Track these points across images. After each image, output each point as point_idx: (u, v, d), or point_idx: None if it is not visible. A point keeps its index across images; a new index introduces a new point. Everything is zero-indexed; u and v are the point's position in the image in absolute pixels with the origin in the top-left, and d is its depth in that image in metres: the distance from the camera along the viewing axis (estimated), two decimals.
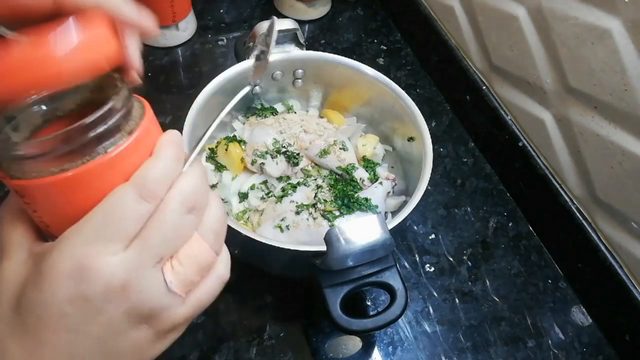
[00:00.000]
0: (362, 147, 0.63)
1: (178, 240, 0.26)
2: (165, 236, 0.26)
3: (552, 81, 0.61)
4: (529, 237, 0.67)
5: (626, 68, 0.50)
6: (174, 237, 0.26)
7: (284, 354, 0.53)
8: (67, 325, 0.24)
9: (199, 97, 0.55)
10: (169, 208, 0.26)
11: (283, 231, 0.53)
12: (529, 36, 0.62)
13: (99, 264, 0.24)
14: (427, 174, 0.53)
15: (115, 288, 0.24)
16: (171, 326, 0.28)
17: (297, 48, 0.62)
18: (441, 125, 0.78)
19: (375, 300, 0.59)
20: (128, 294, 0.25)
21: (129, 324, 0.26)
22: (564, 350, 0.57)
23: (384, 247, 0.43)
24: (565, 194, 0.62)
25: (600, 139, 0.55)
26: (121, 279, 0.24)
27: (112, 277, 0.24)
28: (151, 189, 0.25)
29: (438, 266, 0.62)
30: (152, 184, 0.25)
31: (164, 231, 0.25)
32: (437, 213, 0.67)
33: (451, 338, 0.57)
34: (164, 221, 0.25)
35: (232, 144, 0.60)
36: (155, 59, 0.78)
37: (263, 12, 0.89)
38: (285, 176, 0.59)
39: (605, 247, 0.58)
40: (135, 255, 0.25)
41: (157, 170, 0.26)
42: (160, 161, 0.26)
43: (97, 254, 0.24)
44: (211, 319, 0.55)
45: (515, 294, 0.61)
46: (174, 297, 0.27)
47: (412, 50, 0.87)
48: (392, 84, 0.60)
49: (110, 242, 0.24)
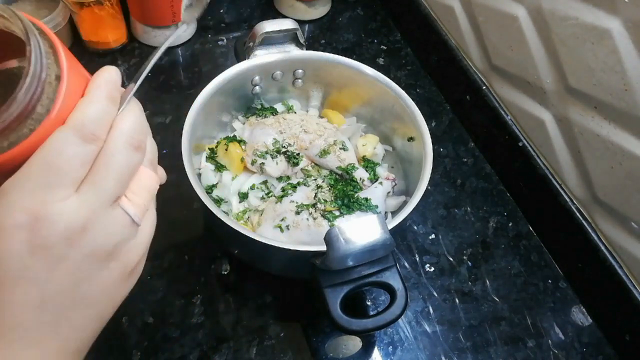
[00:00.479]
0: (362, 147, 0.63)
1: (127, 177, 0.27)
2: (119, 175, 0.26)
3: (552, 81, 0.61)
4: (529, 237, 0.67)
5: (626, 68, 0.50)
6: (126, 175, 0.26)
7: (284, 354, 0.53)
8: (31, 277, 0.24)
9: (199, 97, 0.55)
10: (118, 148, 0.26)
11: (283, 231, 0.53)
12: (529, 36, 0.62)
13: (52, 211, 0.24)
14: (427, 174, 0.53)
15: (75, 232, 0.24)
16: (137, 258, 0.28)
17: (297, 48, 0.62)
18: (441, 125, 0.78)
19: (375, 300, 0.59)
20: (90, 235, 0.25)
21: (96, 266, 0.26)
22: (564, 350, 0.57)
23: (384, 247, 0.43)
24: (565, 194, 0.63)
25: (600, 139, 0.55)
26: (80, 222, 0.24)
27: (70, 221, 0.24)
28: (91, 130, 0.25)
29: (438, 266, 0.62)
30: (92, 125, 0.25)
31: (117, 171, 0.26)
32: (437, 213, 0.67)
33: (451, 338, 0.57)
34: (114, 161, 0.25)
35: (232, 144, 0.60)
36: None
37: (263, 12, 0.89)
38: (285, 176, 0.59)
39: (605, 247, 0.58)
40: (89, 197, 0.25)
41: (93, 111, 0.25)
42: (96, 102, 0.26)
43: (47, 201, 0.24)
44: (211, 319, 0.55)
45: (515, 294, 0.61)
46: (135, 227, 0.28)
47: (412, 50, 0.87)
48: (392, 84, 0.60)
49: (58, 188, 0.24)
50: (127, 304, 0.54)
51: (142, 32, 0.78)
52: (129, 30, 0.80)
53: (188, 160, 0.49)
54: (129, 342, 0.52)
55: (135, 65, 0.77)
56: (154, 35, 0.78)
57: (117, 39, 0.77)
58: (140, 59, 0.78)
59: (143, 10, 0.75)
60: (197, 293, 0.56)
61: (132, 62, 0.77)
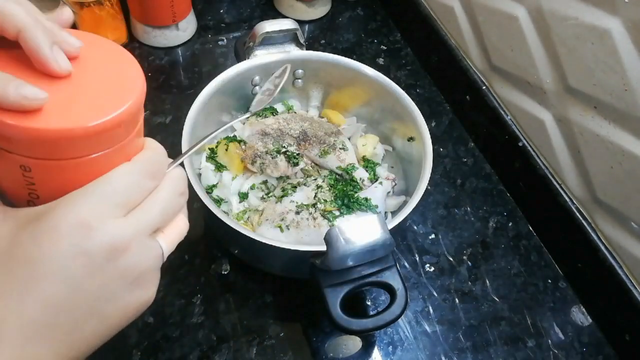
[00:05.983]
0: (362, 147, 0.63)
1: (171, 215, 0.31)
2: (163, 210, 0.30)
3: (552, 81, 0.61)
4: (529, 237, 0.67)
5: (626, 68, 0.50)
6: (168, 213, 0.30)
7: (284, 354, 0.53)
8: (67, 278, 0.26)
9: (199, 97, 0.55)
10: (167, 189, 0.30)
11: (283, 231, 0.53)
12: (529, 36, 0.62)
13: (104, 224, 0.26)
14: (427, 174, 0.53)
15: (117, 248, 0.27)
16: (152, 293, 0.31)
17: (297, 48, 0.62)
18: (441, 125, 0.78)
19: (375, 300, 0.59)
20: (128, 255, 0.27)
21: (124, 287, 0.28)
22: (564, 350, 0.57)
23: (384, 247, 0.43)
24: (565, 194, 0.63)
25: (600, 139, 0.55)
26: (124, 240, 0.27)
27: (115, 238, 0.27)
28: (154, 170, 0.30)
29: (438, 266, 0.62)
30: (155, 166, 0.30)
31: (163, 206, 0.30)
32: (437, 213, 0.67)
33: (451, 338, 0.57)
34: (162, 198, 0.30)
35: (232, 144, 0.60)
36: (155, 59, 0.78)
37: (263, 12, 0.89)
38: (285, 176, 0.59)
39: (605, 247, 0.58)
40: (135, 222, 0.28)
41: (157, 157, 0.30)
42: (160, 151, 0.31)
43: (101, 215, 0.26)
44: (211, 319, 0.55)
45: (515, 294, 0.61)
46: (161, 261, 0.31)
47: (412, 50, 0.87)
48: (392, 84, 0.60)
49: (114, 208, 0.27)
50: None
51: (142, 32, 0.78)
52: (129, 30, 0.80)
53: (188, 160, 0.49)
54: (129, 342, 0.52)
55: None
56: (154, 35, 0.78)
57: (117, 39, 0.77)
58: (141, 59, 0.78)
59: (143, 10, 0.75)
60: (197, 293, 0.56)
61: None
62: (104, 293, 0.27)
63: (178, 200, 0.31)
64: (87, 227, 0.26)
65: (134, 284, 0.29)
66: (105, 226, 0.26)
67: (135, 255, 0.28)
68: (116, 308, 0.29)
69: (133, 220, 0.28)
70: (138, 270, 0.28)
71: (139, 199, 0.29)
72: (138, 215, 0.28)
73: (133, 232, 0.28)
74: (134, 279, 0.29)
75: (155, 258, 0.30)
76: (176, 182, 0.31)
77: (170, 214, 0.31)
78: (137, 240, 0.28)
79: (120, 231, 0.27)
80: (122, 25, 0.77)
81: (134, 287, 0.29)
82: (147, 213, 0.29)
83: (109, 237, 0.27)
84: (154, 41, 0.79)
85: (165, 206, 0.30)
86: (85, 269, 0.26)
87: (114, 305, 0.28)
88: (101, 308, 0.28)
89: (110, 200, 0.27)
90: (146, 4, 0.74)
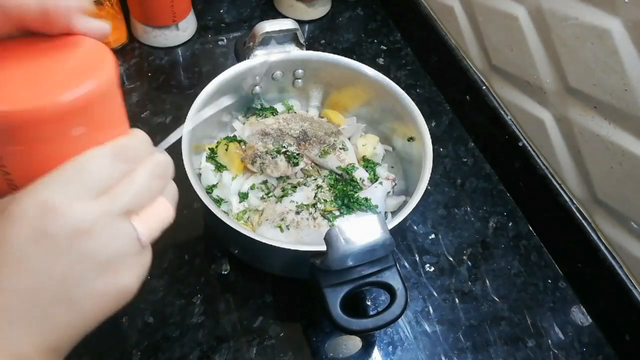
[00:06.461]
0: (362, 147, 0.63)
1: (146, 199, 0.30)
2: (136, 193, 0.29)
3: (552, 81, 0.61)
4: (529, 237, 0.67)
5: (626, 68, 0.50)
6: (143, 196, 0.29)
7: (284, 354, 0.53)
8: (30, 265, 0.26)
9: (199, 97, 0.55)
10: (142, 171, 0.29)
11: (283, 231, 0.53)
12: (528, 36, 0.62)
13: (66, 207, 0.26)
14: (427, 174, 0.53)
15: (80, 230, 0.26)
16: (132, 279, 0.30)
17: (297, 48, 0.62)
18: (441, 125, 0.78)
19: (375, 300, 0.59)
20: (94, 237, 0.27)
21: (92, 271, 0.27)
22: (564, 350, 0.57)
23: (384, 247, 0.43)
24: (565, 194, 0.63)
25: (600, 139, 0.55)
26: (87, 222, 0.26)
27: (78, 220, 0.26)
28: (127, 154, 0.29)
29: (438, 266, 0.62)
30: (132, 150, 0.29)
31: (136, 189, 0.29)
32: (437, 213, 0.67)
33: (451, 338, 0.57)
34: (136, 180, 0.29)
35: (232, 144, 0.60)
36: (155, 59, 0.78)
37: (263, 12, 0.89)
38: (285, 176, 0.59)
39: (605, 247, 0.58)
40: (103, 204, 0.27)
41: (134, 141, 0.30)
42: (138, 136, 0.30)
43: (65, 198, 0.26)
44: (211, 319, 0.55)
45: (515, 294, 0.61)
46: (138, 245, 0.29)
47: (412, 50, 0.87)
48: (392, 84, 0.60)
49: (81, 191, 0.27)
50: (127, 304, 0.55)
51: (142, 32, 0.78)
52: (129, 30, 0.80)
53: (188, 160, 0.49)
54: (129, 342, 0.52)
55: (135, 65, 0.77)
56: (154, 35, 0.78)
57: (117, 39, 0.77)
58: (140, 59, 0.78)
59: (143, 10, 0.75)
60: (197, 293, 0.56)
61: (132, 62, 0.77)
62: (71, 276, 0.27)
63: (155, 184, 0.30)
64: (51, 210, 0.26)
65: (105, 268, 0.28)
66: (70, 209, 0.26)
67: (102, 237, 0.27)
68: (87, 294, 0.28)
69: (99, 202, 0.27)
70: (106, 253, 0.27)
71: (111, 182, 0.28)
72: (108, 198, 0.27)
73: (98, 214, 0.27)
74: (104, 263, 0.28)
75: (127, 241, 0.29)
76: (155, 165, 0.30)
77: (146, 198, 0.30)
78: (103, 222, 0.27)
79: (84, 213, 0.26)
80: (122, 25, 0.77)
81: (104, 272, 0.28)
82: (117, 195, 0.28)
83: (72, 219, 0.26)
84: (154, 41, 0.79)
85: (139, 189, 0.29)
86: (49, 253, 0.26)
87: (83, 290, 0.27)
88: (70, 293, 0.27)
89: (78, 183, 0.27)
90: (146, 4, 0.74)
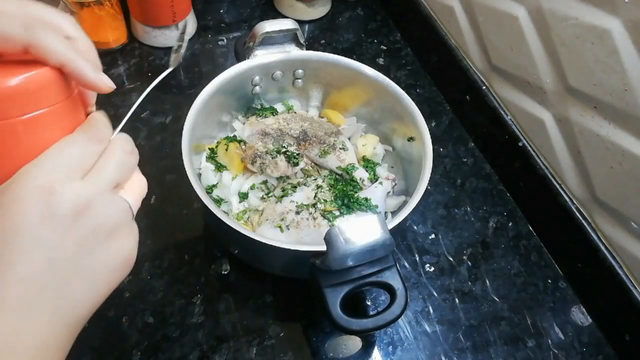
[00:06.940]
0: (362, 147, 0.63)
1: (127, 171, 0.33)
2: (117, 167, 0.32)
3: (552, 81, 0.61)
4: (529, 237, 0.67)
5: (626, 68, 0.50)
6: (123, 169, 0.33)
7: (284, 354, 0.53)
8: (41, 243, 0.28)
9: (199, 97, 0.55)
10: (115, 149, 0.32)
11: (283, 231, 0.53)
12: (528, 36, 0.62)
13: (63, 188, 0.28)
14: (427, 174, 0.53)
15: (81, 207, 0.29)
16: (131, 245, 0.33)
17: (297, 48, 0.62)
18: (441, 125, 0.78)
19: (375, 300, 0.59)
20: (94, 212, 0.29)
21: (98, 241, 0.30)
22: (564, 350, 0.57)
23: (384, 247, 0.43)
24: (565, 194, 0.63)
25: (600, 139, 0.55)
26: (85, 199, 0.29)
27: (77, 198, 0.29)
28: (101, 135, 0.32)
29: (438, 266, 0.62)
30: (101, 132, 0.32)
31: (116, 164, 0.32)
32: (437, 213, 0.67)
33: (451, 338, 0.57)
34: (113, 157, 0.32)
35: (232, 144, 0.60)
36: (155, 58, 0.78)
37: (263, 12, 0.89)
38: (285, 176, 0.59)
39: (605, 247, 0.58)
40: (93, 182, 0.30)
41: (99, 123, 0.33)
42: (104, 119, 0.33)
43: (60, 181, 0.28)
44: (211, 319, 0.55)
45: (515, 294, 0.61)
46: (131, 214, 0.33)
47: (412, 50, 0.87)
48: (392, 84, 0.60)
49: (69, 173, 0.29)
50: (127, 304, 0.55)
51: (142, 32, 0.78)
52: (129, 30, 0.80)
53: (188, 160, 0.49)
54: (129, 342, 0.52)
55: (135, 65, 0.77)
56: (154, 36, 0.78)
57: (117, 39, 0.77)
58: (140, 59, 0.78)
59: (143, 10, 0.75)
60: (197, 293, 0.56)
61: (132, 62, 0.77)
62: (81, 250, 0.29)
63: (129, 158, 0.33)
64: (50, 192, 0.28)
65: (109, 238, 0.31)
66: (66, 189, 0.28)
67: (102, 210, 0.30)
68: (98, 262, 0.30)
69: (91, 180, 0.30)
70: (108, 224, 0.30)
71: (91, 163, 0.31)
72: (95, 175, 0.30)
73: (94, 190, 0.30)
74: (108, 233, 0.31)
75: (122, 211, 0.32)
76: (123, 142, 0.33)
77: (126, 170, 0.33)
78: (100, 197, 0.30)
79: (81, 190, 0.29)
80: (122, 25, 0.77)
81: (110, 241, 0.31)
82: (103, 172, 0.31)
83: (72, 197, 0.28)
84: (154, 41, 0.79)
85: (119, 164, 0.32)
86: (56, 232, 0.28)
87: (93, 262, 0.30)
88: (83, 265, 0.29)
89: (64, 166, 0.29)
90: (146, 4, 0.74)
